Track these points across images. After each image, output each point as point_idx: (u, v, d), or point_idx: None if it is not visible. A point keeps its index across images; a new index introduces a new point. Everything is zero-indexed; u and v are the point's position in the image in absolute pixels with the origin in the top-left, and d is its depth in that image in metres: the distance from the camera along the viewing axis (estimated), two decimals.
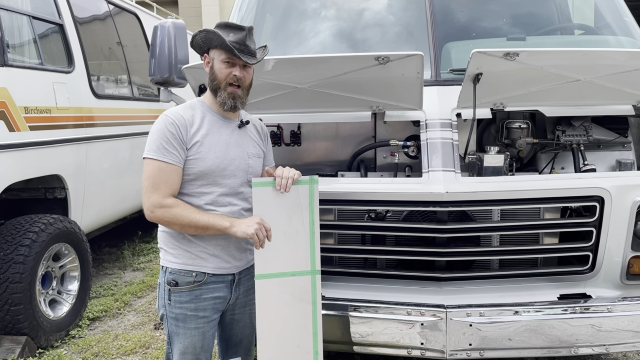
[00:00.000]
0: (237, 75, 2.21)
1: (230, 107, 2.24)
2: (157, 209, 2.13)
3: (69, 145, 4.56)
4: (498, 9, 3.58)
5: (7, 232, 3.89)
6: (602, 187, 2.64)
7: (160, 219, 2.15)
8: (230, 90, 2.22)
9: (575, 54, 2.65)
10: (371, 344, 2.68)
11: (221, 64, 2.21)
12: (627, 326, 2.61)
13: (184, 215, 2.13)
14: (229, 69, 2.21)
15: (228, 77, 2.20)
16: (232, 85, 2.22)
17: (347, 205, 2.78)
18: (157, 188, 2.13)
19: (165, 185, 2.14)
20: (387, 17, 3.58)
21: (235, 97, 2.23)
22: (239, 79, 2.21)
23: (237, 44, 2.17)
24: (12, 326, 3.74)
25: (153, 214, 2.14)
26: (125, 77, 6.07)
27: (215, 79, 2.23)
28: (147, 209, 2.15)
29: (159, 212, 2.13)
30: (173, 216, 2.13)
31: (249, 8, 3.91)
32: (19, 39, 4.24)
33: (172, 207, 2.13)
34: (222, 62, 2.21)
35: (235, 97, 2.23)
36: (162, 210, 2.13)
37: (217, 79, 2.22)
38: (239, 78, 2.21)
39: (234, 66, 2.21)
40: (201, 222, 2.13)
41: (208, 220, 2.15)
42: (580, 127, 3.07)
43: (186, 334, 2.27)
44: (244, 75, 2.23)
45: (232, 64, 2.21)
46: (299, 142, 3.33)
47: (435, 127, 2.84)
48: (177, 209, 2.13)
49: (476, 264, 2.92)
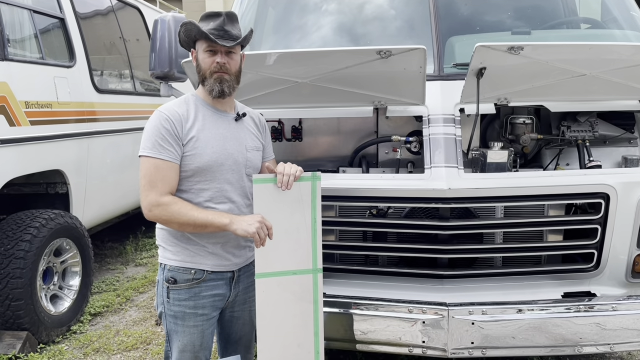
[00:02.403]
0: (219, 62, 2.17)
1: (218, 92, 2.19)
2: (154, 208, 2.10)
3: (70, 140, 4.55)
4: (502, 3, 3.53)
5: (8, 227, 3.89)
6: (607, 183, 2.61)
7: (159, 218, 2.12)
8: (216, 76, 2.18)
9: (581, 48, 2.61)
10: (373, 342, 2.66)
11: (204, 53, 2.19)
12: (632, 325, 2.58)
13: (182, 213, 2.09)
14: (211, 57, 2.18)
15: (212, 65, 2.17)
16: (217, 72, 2.18)
17: (348, 201, 2.75)
18: (154, 186, 2.10)
19: (162, 183, 2.10)
20: (390, 10, 3.54)
21: (222, 80, 2.18)
22: (222, 66, 2.17)
23: (215, 30, 2.14)
24: (13, 321, 3.74)
25: (151, 212, 2.11)
26: (128, 71, 6.05)
27: (201, 69, 2.21)
28: (145, 208, 2.12)
29: (157, 210, 2.10)
30: (171, 214, 2.09)
31: (250, 2, 3.87)
32: (19, 33, 4.22)
33: (169, 205, 2.09)
34: (205, 52, 2.19)
35: (222, 81, 2.18)
36: (159, 209, 2.09)
37: (202, 69, 2.20)
38: (222, 65, 2.17)
39: (216, 54, 2.18)
40: (200, 220, 2.09)
41: (207, 217, 2.11)
42: (585, 123, 3.02)
43: (185, 331, 2.25)
44: (228, 62, 2.19)
45: (214, 51, 2.18)
46: (300, 137, 3.29)
47: (438, 122, 2.80)
48: (174, 206, 2.10)
49: (479, 261, 2.89)
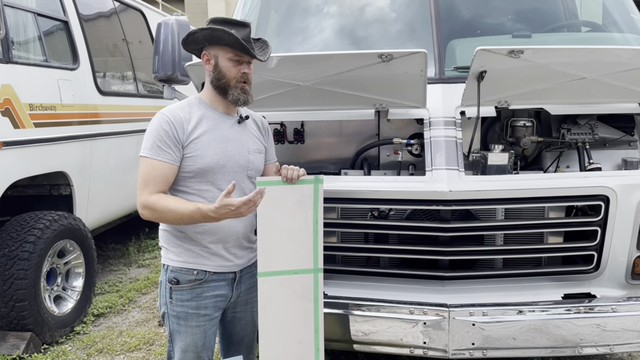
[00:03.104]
0: (246, 73, 2.21)
1: (243, 101, 2.23)
2: (144, 206, 2.12)
3: (73, 142, 4.58)
4: (503, 6, 3.55)
5: (11, 229, 3.91)
6: (607, 185, 2.62)
7: (150, 216, 2.14)
8: (241, 86, 2.21)
9: (580, 51, 2.62)
10: (373, 343, 2.68)
11: (228, 61, 2.19)
12: (631, 326, 2.59)
13: (170, 207, 2.08)
14: (236, 66, 2.19)
15: (237, 74, 2.19)
16: (243, 82, 2.21)
17: (349, 203, 2.77)
18: (147, 185, 2.12)
19: (154, 182, 2.12)
20: (391, 13, 3.56)
21: (246, 91, 2.23)
22: (247, 76, 2.22)
23: (244, 41, 2.15)
24: (17, 322, 3.77)
25: (143, 210, 2.13)
26: (130, 73, 6.08)
27: (223, 77, 2.20)
28: (138, 207, 2.15)
29: (146, 210, 2.12)
30: (160, 212, 2.10)
31: (253, 4, 3.90)
32: (23, 36, 4.25)
33: (156, 202, 2.09)
34: (229, 60, 2.18)
35: (246, 92, 2.23)
36: (148, 207, 2.11)
37: (225, 77, 2.20)
38: (247, 75, 2.22)
39: (241, 63, 2.20)
40: (187, 211, 2.06)
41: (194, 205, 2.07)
42: (585, 125, 3.04)
43: (187, 331, 2.27)
44: (250, 71, 2.24)
45: (240, 61, 2.20)
46: (302, 140, 3.32)
47: (438, 124, 2.82)
48: (163, 202, 2.09)
49: (479, 262, 2.91)
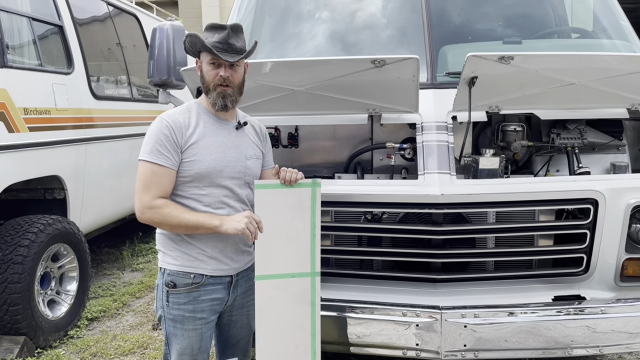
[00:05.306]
0: (222, 76, 2.21)
1: (220, 106, 2.25)
2: (146, 210, 2.14)
3: (67, 146, 4.58)
4: (494, 12, 3.60)
5: (5, 232, 3.91)
6: (596, 189, 2.66)
7: (150, 220, 2.17)
8: (219, 89, 2.23)
9: (569, 58, 2.67)
10: (367, 345, 2.70)
11: (207, 65, 2.23)
12: (620, 327, 2.63)
13: (173, 215, 2.14)
14: (215, 69, 2.22)
15: (215, 78, 2.22)
16: (221, 85, 2.23)
17: (343, 206, 2.79)
18: (148, 189, 2.15)
19: (155, 186, 2.15)
20: (384, 19, 3.60)
21: (225, 95, 2.23)
22: (225, 79, 2.22)
23: (219, 43, 2.17)
24: (11, 326, 3.75)
25: (143, 214, 2.16)
26: (125, 78, 6.09)
27: (205, 81, 2.26)
28: (138, 210, 2.17)
29: (149, 212, 2.15)
30: (162, 217, 2.14)
31: (247, 9, 3.93)
32: (18, 40, 4.26)
33: (161, 207, 2.14)
34: (208, 64, 2.23)
35: (224, 96, 2.23)
36: (151, 211, 2.14)
37: (205, 80, 2.25)
38: (225, 78, 2.21)
39: (220, 66, 2.22)
40: (191, 222, 2.14)
41: (197, 219, 2.15)
42: (574, 130, 3.09)
43: (184, 334, 2.29)
44: (231, 74, 2.23)
45: (218, 64, 2.22)
46: (296, 144, 3.34)
47: (430, 129, 2.86)
48: (166, 209, 2.14)
49: (471, 265, 2.94)
